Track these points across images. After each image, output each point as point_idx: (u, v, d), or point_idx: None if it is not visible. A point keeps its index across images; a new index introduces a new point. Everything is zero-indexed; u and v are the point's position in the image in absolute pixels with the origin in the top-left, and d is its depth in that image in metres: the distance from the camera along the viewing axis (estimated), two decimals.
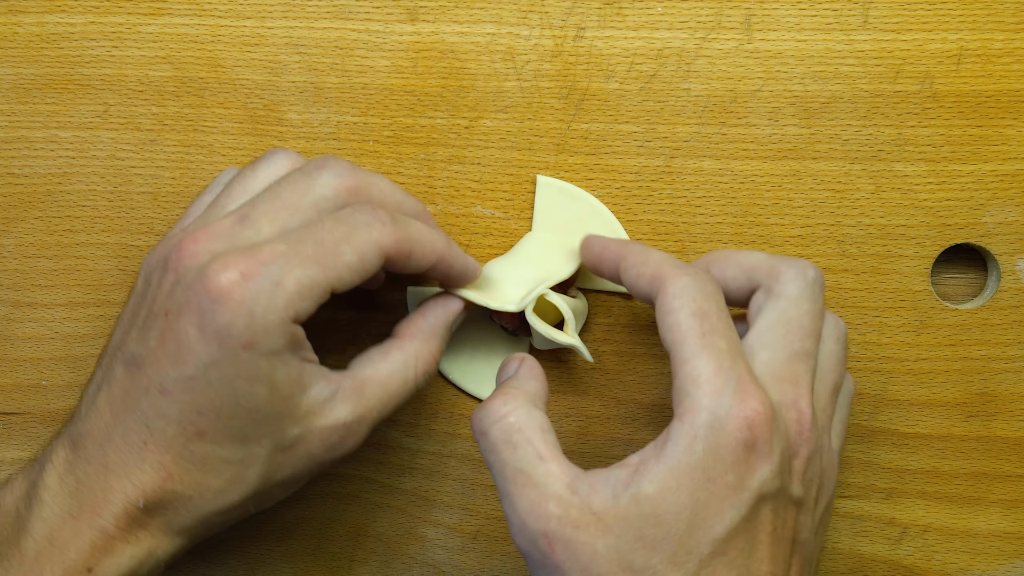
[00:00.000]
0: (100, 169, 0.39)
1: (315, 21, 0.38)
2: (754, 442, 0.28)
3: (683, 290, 0.30)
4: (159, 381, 0.29)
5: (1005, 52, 0.37)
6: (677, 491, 0.28)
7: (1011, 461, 0.38)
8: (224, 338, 0.28)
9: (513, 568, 0.40)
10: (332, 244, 0.29)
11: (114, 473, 0.29)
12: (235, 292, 0.28)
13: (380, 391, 0.32)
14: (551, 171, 0.38)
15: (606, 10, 0.37)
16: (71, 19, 0.38)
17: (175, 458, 0.29)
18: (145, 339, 0.30)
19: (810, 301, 0.31)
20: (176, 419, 0.29)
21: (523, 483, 0.29)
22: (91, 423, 0.31)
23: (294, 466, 0.31)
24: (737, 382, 0.28)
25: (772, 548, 0.29)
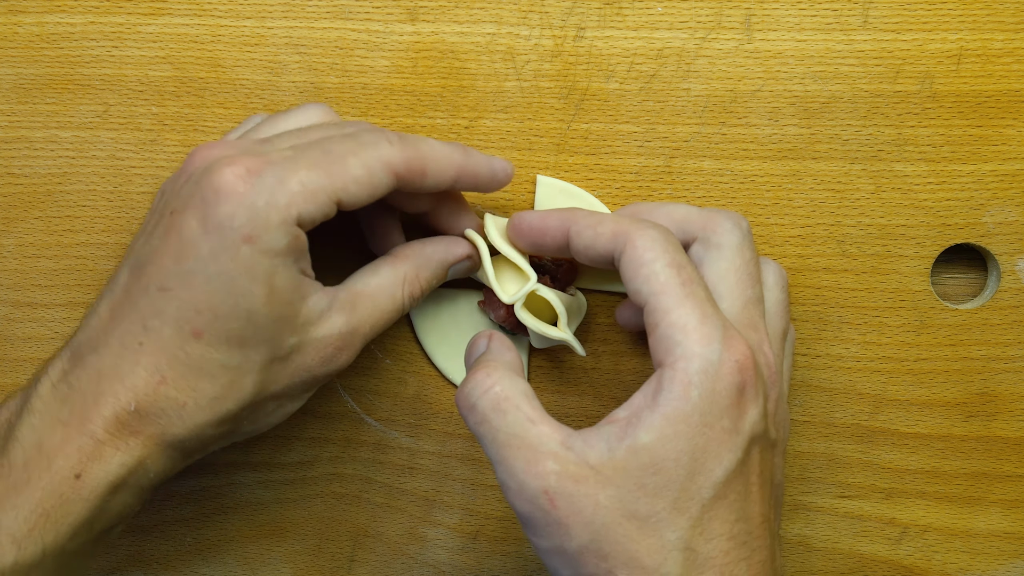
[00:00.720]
0: (100, 169, 0.39)
1: (315, 21, 0.38)
2: (744, 386, 0.29)
3: (653, 242, 0.30)
4: (159, 278, 0.29)
5: (1005, 52, 0.37)
6: (675, 438, 0.28)
7: (1011, 461, 0.38)
8: (225, 230, 0.28)
9: (513, 568, 0.40)
10: (339, 155, 0.30)
11: (107, 377, 0.29)
12: (238, 185, 0.28)
13: (371, 305, 0.33)
14: (551, 171, 0.38)
15: (606, 10, 0.37)
16: (71, 19, 0.38)
17: (170, 360, 0.29)
18: (150, 239, 0.30)
19: (750, 249, 0.32)
20: (173, 317, 0.29)
21: (517, 446, 0.29)
22: (91, 330, 0.30)
23: (289, 378, 0.31)
24: (723, 329, 0.29)
25: (762, 490, 0.30)
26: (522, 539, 0.40)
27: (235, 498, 0.40)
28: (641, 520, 0.28)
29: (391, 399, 0.39)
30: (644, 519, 0.28)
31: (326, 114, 0.34)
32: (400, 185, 0.31)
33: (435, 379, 0.39)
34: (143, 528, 0.40)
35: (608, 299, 0.39)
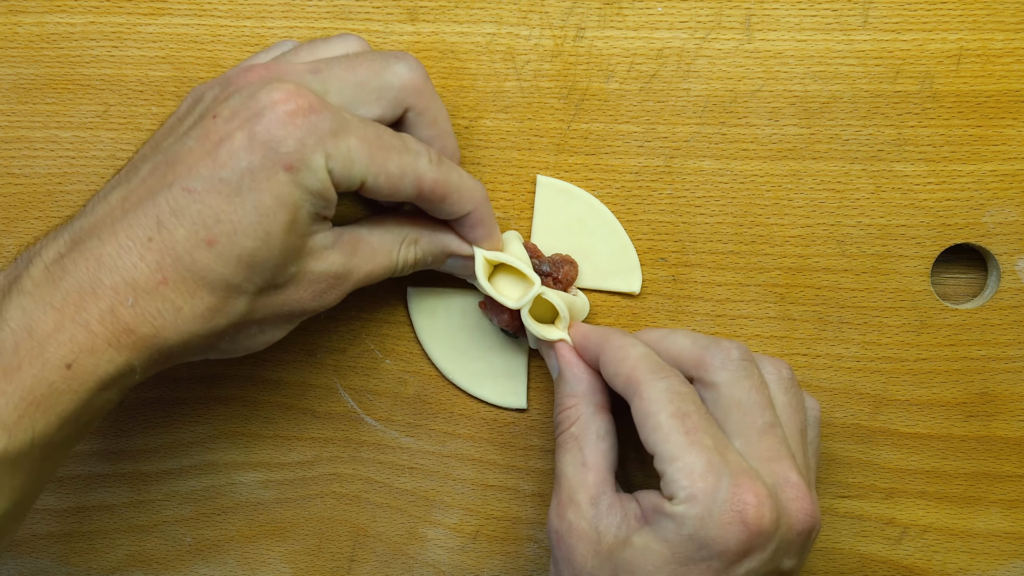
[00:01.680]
0: (100, 169, 0.39)
1: (315, 21, 0.38)
2: (749, 541, 0.29)
3: (659, 393, 0.31)
4: (188, 178, 0.28)
5: (1005, 52, 0.37)
6: (656, 555, 0.29)
7: (1011, 461, 0.38)
8: (270, 151, 0.28)
9: (513, 568, 0.40)
10: (386, 145, 0.30)
11: (107, 267, 0.28)
12: (297, 116, 0.29)
13: (369, 253, 0.33)
14: (551, 171, 0.38)
15: (606, 10, 0.37)
16: (71, 19, 0.38)
17: (175, 262, 0.28)
18: (184, 140, 0.29)
19: (747, 378, 0.32)
20: (192, 220, 0.28)
21: (562, 483, 0.33)
22: (96, 216, 0.29)
23: (278, 307, 0.31)
24: (731, 475, 0.29)
25: None
26: (522, 539, 0.40)
27: (235, 498, 0.40)
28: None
29: (391, 399, 0.39)
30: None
31: (364, 45, 0.34)
32: (418, 201, 0.32)
33: (435, 379, 0.39)
34: (143, 528, 0.40)
35: (608, 299, 0.39)
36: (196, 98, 0.32)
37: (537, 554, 0.40)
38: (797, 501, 0.30)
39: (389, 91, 0.32)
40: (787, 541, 0.30)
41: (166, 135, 0.31)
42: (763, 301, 0.38)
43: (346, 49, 0.33)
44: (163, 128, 0.32)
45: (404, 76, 0.32)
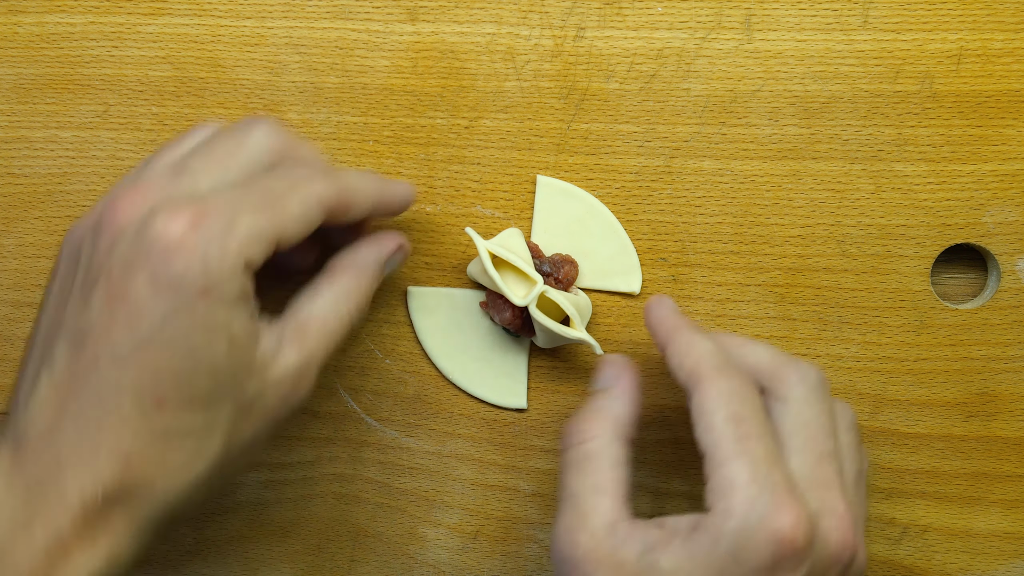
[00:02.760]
0: (100, 169, 0.39)
1: (315, 21, 0.38)
2: (781, 558, 0.28)
3: (719, 393, 0.30)
4: (110, 350, 0.27)
5: (1005, 52, 0.37)
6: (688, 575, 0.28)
7: (1011, 461, 0.38)
8: (179, 288, 0.27)
9: (513, 568, 0.40)
10: (277, 195, 0.29)
11: (67, 467, 0.27)
12: (187, 239, 0.27)
13: (320, 329, 0.31)
14: (551, 171, 0.38)
15: (606, 10, 0.37)
16: (71, 19, 0.38)
17: (134, 437, 0.27)
18: (87, 309, 0.28)
19: (819, 401, 0.31)
20: (132, 390, 0.27)
21: (572, 506, 0.31)
22: (34, 415, 0.28)
23: (254, 426, 0.30)
24: (773, 492, 0.28)
25: None
26: (522, 539, 0.40)
27: (235, 498, 0.40)
28: None
29: (391, 399, 0.39)
30: None
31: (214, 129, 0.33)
32: (327, 219, 0.31)
33: (435, 379, 0.39)
34: None
35: (609, 299, 0.39)
36: (73, 253, 0.30)
37: (537, 554, 0.40)
38: (839, 531, 0.30)
39: (257, 160, 0.31)
40: (821, 564, 0.29)
41: (62, 303, 0.29)
42: (763, 301, 0.38)
43: (202, 137, 0.32)
44: (52, 294, 0.30)
45: (265, 143, 0.31)
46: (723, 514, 0.28)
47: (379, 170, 0.38)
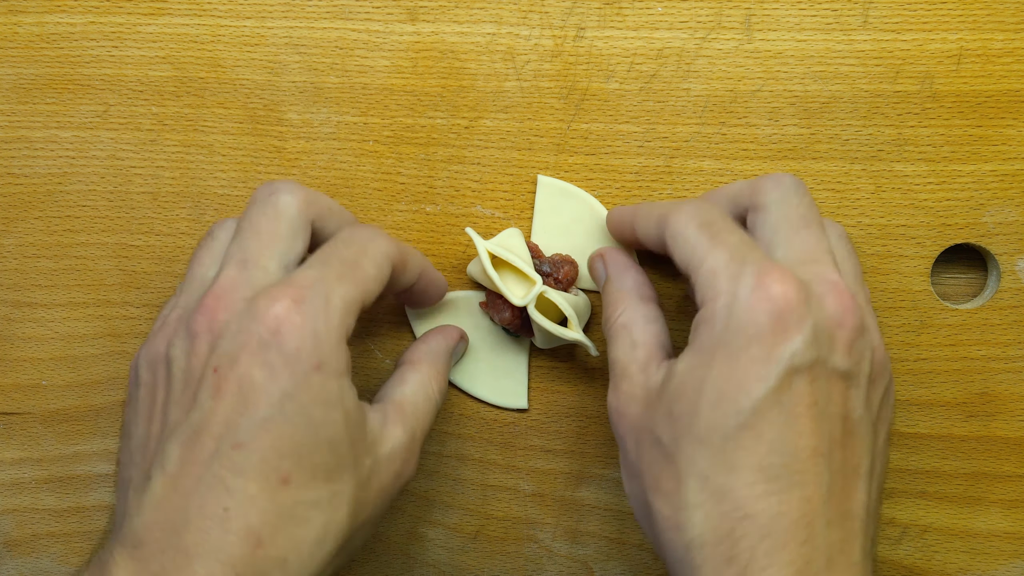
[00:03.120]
0: (100, 169, 0.39)
1: (315, 21, 0.38)
2: (780, 313, 0.28)
3: (686, 213, 0.31)
4: (230, 436, 0.27)
5: (1005, 52, 0.37)
6: (699, 367, 0.28)
7: (1011, 461, 0.38)
8: (294, 364, 0.27)
9: (513, 568, 0.40)
10: (353, 260, 0.30)
11: (196, 556, 0.26)
12: (294, 317, 0.28)
13: (414, 409, 0.33)
14: (551, 171, 0.38)
15: (606, 10, 0.37)
16: (71, 19, 0.38)
17: (262, 517, 0.27)
18: (196, 408, 0.28)
19: (797, 196, 0.32)
20: (257, 470, 0.27)
21: (615, 368, 0.32)
22: (150, 515, 0.27)
23: (373, 503, 0.30)
24: (755, 264, 0.28)
25: (814, 422, 0.28)
26: (522, 539, 0.40)
27: None
28: (664, 446, 0.29)
29: None
30: (666, 445, 0.29)
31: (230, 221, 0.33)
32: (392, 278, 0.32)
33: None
34: None
35: None
36: (153, 370, 0.30)
37: (537, 554, 0.40)
38: (833, 295, 0.29)
39: (296, 220, 0.31)
40: (825, 331, 0.28)
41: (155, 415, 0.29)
42: None
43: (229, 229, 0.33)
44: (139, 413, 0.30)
45: (293, 202, 0.31)
46: (712, 300, 0.29)
47: (379, 170, 0.38)
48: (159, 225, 0.39)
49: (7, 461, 0.40)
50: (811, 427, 0.28)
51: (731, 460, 0.27)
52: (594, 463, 0.39)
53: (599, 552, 0.40)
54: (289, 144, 0.38)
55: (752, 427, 0.27)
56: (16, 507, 0.40)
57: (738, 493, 0.27)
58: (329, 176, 0.38)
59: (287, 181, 0.32)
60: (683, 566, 0.28)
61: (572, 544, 0.40)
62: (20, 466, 0.40)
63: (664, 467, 0.29)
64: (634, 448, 0.30)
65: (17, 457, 0.40)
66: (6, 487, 0.40)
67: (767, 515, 0.27)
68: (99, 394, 0.40)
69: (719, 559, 0.27)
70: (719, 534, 0.27)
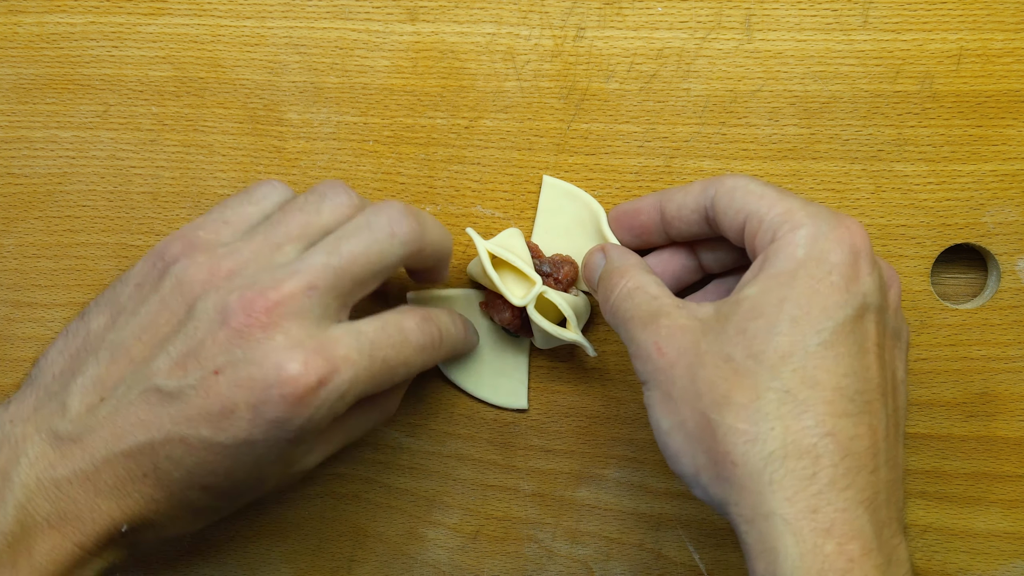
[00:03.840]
0: (100, 169, 0.39)
1: (315, 21, 0.38)
2: (858, 251, 0.29)
3: (740, 177, 0.32)
4: (185, 432, 0.28)
5: (1005, 52, 0.37)
6: (779, 288, 0.28)
7: (1011, 461, 0.38)
8: (275, 430, 0.28)
9: (513, 568, 0.40)
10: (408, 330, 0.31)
11: (104, 495, 0.29)
12: (308, 398, 0.28)
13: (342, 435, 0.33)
14: (551, 171, 0.38)
15: (606, 10, 0.37)
16: (71, 19, 0.38)
17: (169, 497, 0.29)
18: (182, 379, 0.28)
19: None
20: (187, 469, 0.29)
21: (640, 317, 0.31)
22: (83, 427, 0.29)
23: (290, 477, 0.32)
24: (831, 212, 0.29)
25: (879, 361, 0.29)
26: (522, 539, 0.40)
27: None
28: (738, 362, 0.28)
29: None
30: (740, 361, 0.28)
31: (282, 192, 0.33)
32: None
33: (435, 379, 0.39)
34: None
35: None
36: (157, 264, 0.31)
37: (537, 554, 0.40)
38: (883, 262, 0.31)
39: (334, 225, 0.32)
40: (882, 287, 0.30)
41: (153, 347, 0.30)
42: None
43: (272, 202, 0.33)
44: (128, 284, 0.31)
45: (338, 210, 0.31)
46: (792, 231, 0.29)
47: (379, 170, 0.38)
48: (159, 225, 0.39)
49: None
50: (877, 364, 0.29)
51: (812, 376, 0.27)
52: (594, 463, 0.39)
53: (599, 552, 0.40)
54: (289, 144, 0.38)
55: (832, 347, 0.28)
56: None
57: (819, 409, 0.27)
58: (329, 176, 0.38)
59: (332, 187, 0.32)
60: (757, 480, 0.27)
61: (572, 544, 0.40)
62: None
63: (737, 382, 0.28)
64: (688, 374, 0.29)
65: None
66: None
67: (845, 435, 0.27)
68: None
69: (801, 474, 0.27)
70: (801, 448, 0.27)
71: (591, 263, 0.35)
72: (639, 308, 0.31)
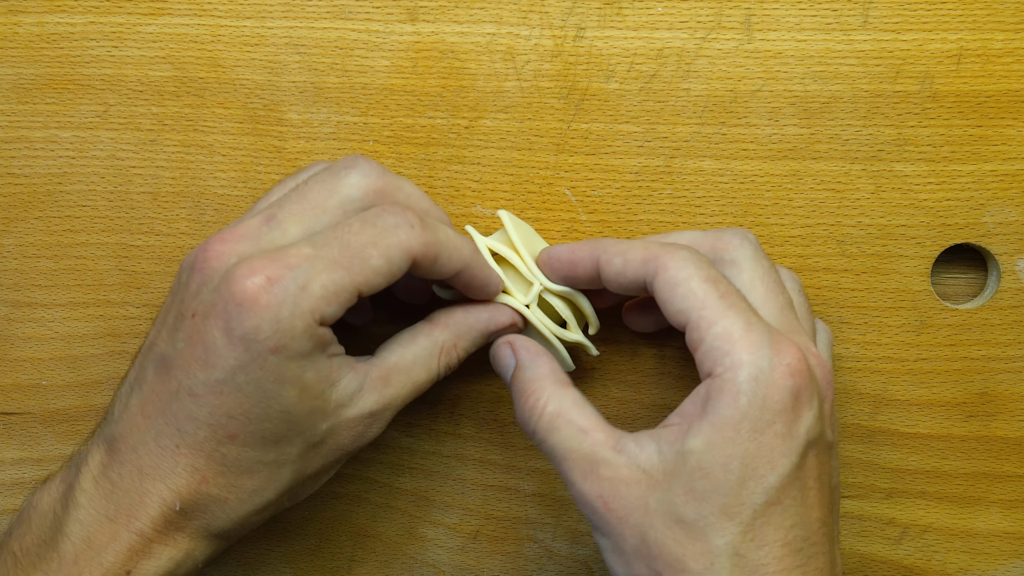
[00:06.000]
0: (100, 169, 0.39)
1: (315, 21, 0.38)
2: (798, 390, 0.28)
3: (685, 262, 0.30)
4: (188, 384, 0.29)
5: (1005, 52, 0.37)
6: (724, 444, 0.28)
7: (1011, 461, 0.38)
8: (251, 343, 0.28)
9: (513, 568, 0.40)
10: (359, 247, 0.29)
11: (148, 476, 0.29)
12: (261, 296, 0.28)
13: (404, 379, 0.32)
14: (551, 171, 0.38)
15: (606, 10, 0.37)
16: (71, 19, 0.38)
17: (208, 461, 0.29)
18: (174, 340, 0.30)
19: (765, 259, 0.33)
20: (206, 422, 0.29)
21: (573, 459, 0.30)
22: (124, 425, 0.30)
23: (325, 459, 0.31)
24: (769, 335, 0.29)
25: (820, 494, 0.29)
26: (522, 539, 0.40)
27: None
28: (688, 524, 0.28)
29: None
30: (691, 523, 0.28)
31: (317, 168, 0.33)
32: (411, 268, 0.31)
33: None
34: None
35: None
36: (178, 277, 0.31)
37: (537, 554, 0.40)
38: (821, 369, 0.30)
39: (351, 203, 0.31)
40: (821, 403, 0.30)
41: (160, 328, 0.31)
42: None
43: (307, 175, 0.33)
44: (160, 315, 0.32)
45: (360, 185, 0.31)
46: (732, 369, 0.28)
47: None
48: (159, 225, 0.39)
49: (7, 461, 0.40)
50: (818, 499, 0.29)
51: (761, 536, 0.28)
52: None
53: (599, 552, 0.40)
54: (289, 144, 0.38)
55: (778, 502, 0.28)
56: (16, 507, 0.40)
57: (770, 568, 0.28)
58: None
59: (371, 163, 0.32)
60: None
61: (572, 544, 0.40)
62: (20, 466, 0.40)
63: (690, 545, 0.28)
64: (638, 532, 0.29)
65: (17, 457, 0.40)
66: (6, 487, 0.40)
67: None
68: (99, 394, 0.40)
69: None
70: None
71: (499, 358, 0.34)
72: (571, 449, 0.31)
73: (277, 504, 0.31)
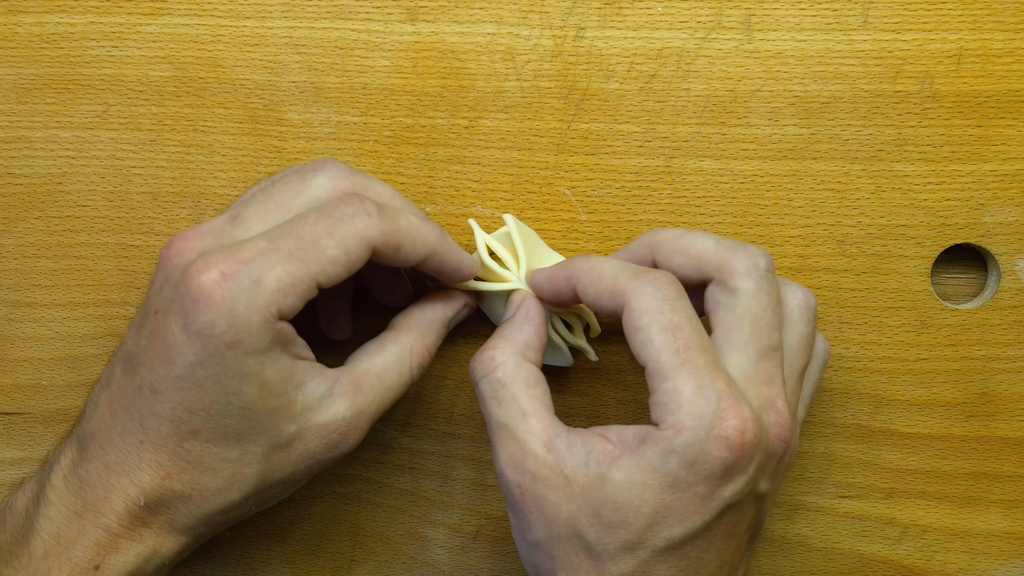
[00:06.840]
0: (100, 169, 0.39)
1: (315, 21, 0.38)
2: (732, 462, 0.28)
3: (648, 304, 0.30)
4: (151, 380, 0.29)
5: (1005, 52, 0.37)
6: (642, 488, 0.29)
7: (1011, 461, 0.38)
8: (207, 338, 0.28)
9: (513, 568, 0.40)
10: (314, 238, 0.29)
11: (114, 472, 0.30)
12: (215, 291, 0.28)
13: (377, 385, 0.32)
14: (551, 171, 0.38)
15: (606, 10, 0.37)
16: (71, 19, 0.38)
17: (171, 457, 0.30)
18: (139, 337, 0.30)
19: (768, 293, 0.31)
20: (168, 418, 0.29)
21: (505, 437, 0.31)
22: (94, 423, 0.31)
23: (294, 465, 0.31)
24: (718, 399, 0.28)
25: (727, 542, 0.30)
26: None
27: None
28: (589, 545, 0.29)
29: None
30: (592, 545, 0.29)
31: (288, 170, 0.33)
32: (374, 257, 0.30)
33: (435, 379, 0.39)
34: None
35: None
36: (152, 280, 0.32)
37: None
38: (777, 426, 0.30)
39: (317, 203, 0.31)
40: (764, 464, 0.30)
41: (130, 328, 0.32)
42: None
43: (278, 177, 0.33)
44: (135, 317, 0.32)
45: (328, 186, 0.31)
46: (672, 428, 0.29)
47: (379, 170, 0.38)
48: (159, 225, 0.39)
49: (7, 461, 0.40)
50: (723, 547, 0.30)
51: (651, 572, 0.29)
52: None
53: None
54: (289, 144, 0.38)
55: (678, 549, 0.29)
56: None
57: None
58: None
59: (340, 165, 0.32)
60: None
61: None
62: (20, 466, 0.40)
63: (586, 564, 0.30)
64: (544, 531, 0.30)
65: (17, 457, 0.40)
66: (6, 487, 0.40)
67: None
68: None
69: None
70: None
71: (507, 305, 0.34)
72: (504, 425, 0.31)
73: (243, 507, 0.31)
